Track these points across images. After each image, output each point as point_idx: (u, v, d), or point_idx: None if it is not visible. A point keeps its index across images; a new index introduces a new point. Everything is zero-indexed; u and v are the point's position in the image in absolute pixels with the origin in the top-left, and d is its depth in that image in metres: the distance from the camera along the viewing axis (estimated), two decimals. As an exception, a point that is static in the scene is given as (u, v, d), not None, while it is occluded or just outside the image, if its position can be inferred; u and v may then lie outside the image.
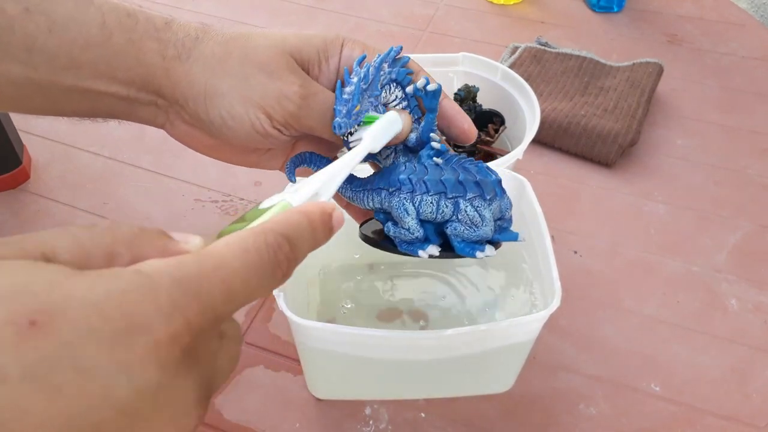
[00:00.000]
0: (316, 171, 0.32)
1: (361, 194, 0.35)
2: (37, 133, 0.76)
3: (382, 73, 0.33)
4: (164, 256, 0.19)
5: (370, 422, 0.50)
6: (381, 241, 0.35)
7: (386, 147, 0.35)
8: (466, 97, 0.68)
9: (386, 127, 0.33)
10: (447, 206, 0.33)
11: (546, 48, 0.89)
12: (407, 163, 0.34)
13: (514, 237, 0.36)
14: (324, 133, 0.33)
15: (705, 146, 0.78)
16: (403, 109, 0.35)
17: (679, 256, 0.64)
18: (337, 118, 0.32)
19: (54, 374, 0.15)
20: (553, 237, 0.46)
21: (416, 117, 0.35)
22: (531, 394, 0.52)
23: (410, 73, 0.35)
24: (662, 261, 0.64)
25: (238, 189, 0.70)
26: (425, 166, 0.34)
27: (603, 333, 0.57)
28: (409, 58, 0.35)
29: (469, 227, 0.33)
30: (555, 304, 0.41)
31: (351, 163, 0.31)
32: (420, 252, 0.34)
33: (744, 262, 0.63)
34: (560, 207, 0.69)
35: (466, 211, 0.33)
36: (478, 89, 0.69)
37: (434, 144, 0.34)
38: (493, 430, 0.50)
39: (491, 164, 0.55)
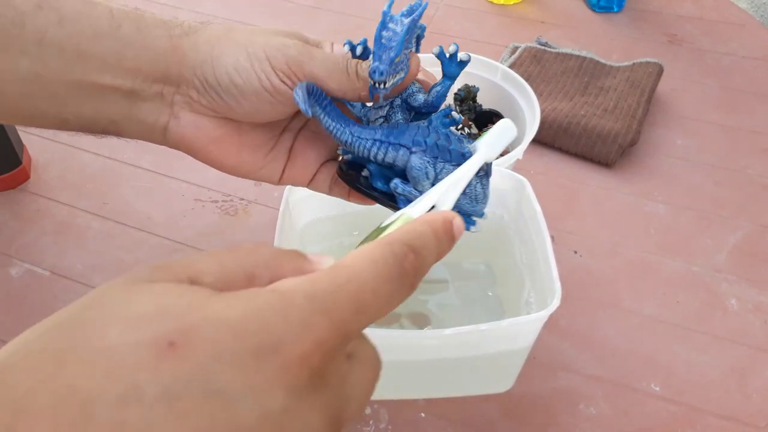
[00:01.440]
0: (322, 113, 0.32)
1: (367, 143, 0.34)
2: (37, 133, 0.76)
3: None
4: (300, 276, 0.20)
5: (370, 422, 0.50)
6: (372, 192, 0.35)
7: (385, 99, 0.34)
8: (466, 97, 0.68)
9: (502, 134, 0.33)
10: (402, 158, 0.33)
11: (546, 48, 0.89)
12: (429, 128, 0.34)
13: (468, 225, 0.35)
14: (329, 82, 0.33)
15: (705, 146, 0.78)
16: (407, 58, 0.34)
17: (679, 256, 0.64)
18: (377, 63, 0.31)
19: (184, 397, 0.15)
20: (553, 237, 0.46)
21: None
22: (531, 394, 0.52)
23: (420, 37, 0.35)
24: (662, 261, 0.64)
25: (238, 189, 0.70)
26: (447, 135, 0.33)
27: (603, 333, 0.57)
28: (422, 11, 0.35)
29: (471, 201, 0.33)
30: (555, 304, 0.41)
31: (468, 174, 0.32)
32: (395, 187, 0.34)
33: (744, 262, 0.63)
34: (560, 207, 0.69)
35: (475, 187, 0.33)
36: (478, 89, 0.69)
37: (454, 114, 0.34)
38: (493, 430, 0.50)
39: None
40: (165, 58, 0.32)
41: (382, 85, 0.32)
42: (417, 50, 0.35)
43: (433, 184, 0.33)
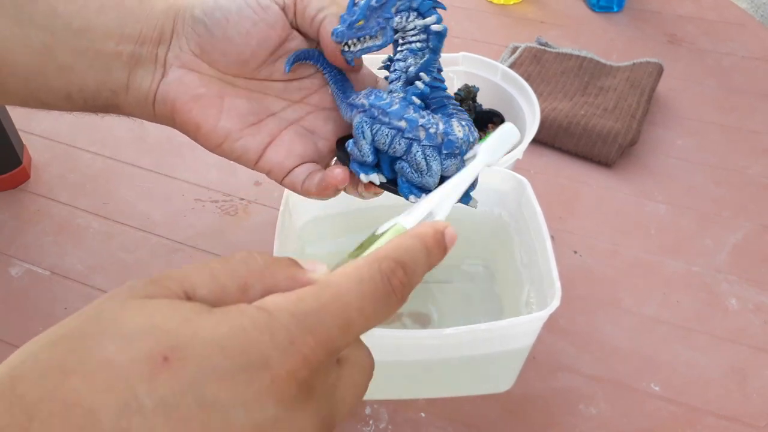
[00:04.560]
0: (322, 70, 0.33)
1: (343, 105, 0.36)
2: (37, 133, 0.76)
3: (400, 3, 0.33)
4: (293, 285, 0.21)
5: (370, 422, 0.50)
6: (344, 156, 0.36)
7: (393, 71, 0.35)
8: (466, 97, 0.68)
9: (503, 139, 0.33)
10: (400, 144, 0.33)
11: (546, 48, 0.89)
12: (384, 93, 0.34)
13: (465, 201, 0.35)
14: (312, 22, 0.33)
15: (705, 146, 0.78)
16: (419, 42, 0.34)
17: (679, 256, 0.64)
18: (339, 26, 0.32)
19: (181, 408, 0.17)
20: (553, 237, 0.46)
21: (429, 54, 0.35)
22: (531, 394, 0.52)
23: (438, 6, 0.34)
24: (662, 261, 0.64)
25: (239, 189, 0.70)
26: (402, 101, 0.33)
27: (603, 333, 0.57)
28: None
29: (415, 171, 0.33)
30: (555, 304, 0.41)
31: (466, 180, 0.31)
32: (362, 175, 0.34)
33: (744, 262, 0.63)
34: (560, 207, 0.69)
35: (415, 155, 0.33)
36: (478, 89, 0.69)
37: (418, 83, 0.34)
38: (493, 430, 0.50)
39: (491, 164, 0.56)
40: (163, 16, 0.34)
41: (346, 47, 0.33)
42: (425, 28, 0.34)
43: (373, 146, 0.33)
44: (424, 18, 0.34)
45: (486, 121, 0.69)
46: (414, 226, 0.26)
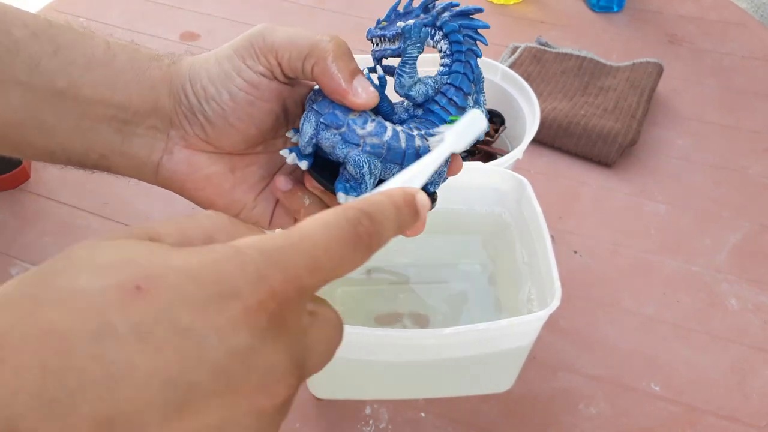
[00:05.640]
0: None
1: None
2: (37, 133, 0.76)
3: (426, 16, 0.34)
4: None
5: (370, 422, 0.50)
6: (320, 178, 0.34)
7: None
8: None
9: (470, 125, 0.32)
10: (341, 149, 0.32)
11: (546, 48, 0.89)
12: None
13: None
14: (295, 45, 0.31)
15: (705, 146, 0.78)
16: (444, 65, 0.34)
17: (679, 256, 0.64)
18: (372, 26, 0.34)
19: (156, 334, 0.17)
20: (553, 237, 0.46)
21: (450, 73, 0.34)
22: (531, 394, 0.52)
23: (463, 31, 0.34)
24: (662, 261, 0.64)
25: (238, 189, 0.70)
26: (363, 114, 0.33)
27: (603, 333, 0.57)
28: (482, 25, 0.34)
29: (350, 175, 0.32)
30: (555, 304, 0.41)
31: (432, 165, 0.30)
32: (289, 157, 0.33)
33: (744, 262, 0.63)
34: (560, 207, 0.69)
35: (349, 163, 0.32)
36: (478, 89, 0.69)
37: (373, 75, 0.34)
38: (493, 430, 0.50)
39: (491, 164, 0.56)
40: (155, 88, 0.32)
41: (372, 45, 0.34)
42: (451, 52, 0.34)
43: (313, 143, 0.32)
44: (450, 43, 0.34)
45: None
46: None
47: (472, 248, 0.58)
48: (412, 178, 0.29)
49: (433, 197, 0.35)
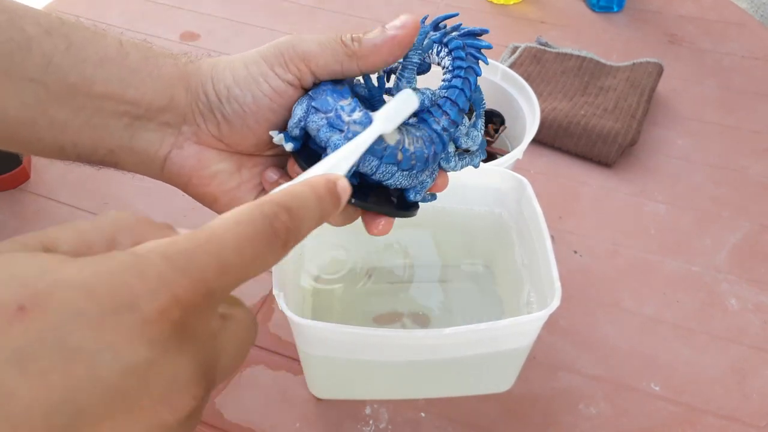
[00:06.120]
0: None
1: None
2: (37, 133, 0.76)
3: (435, 33, 0.34)
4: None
5: (370, 422, 0.50)
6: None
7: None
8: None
9: (400, 107, 0.32)
10: (325, 133, 0.31)
11: (546, 48, 0.89)
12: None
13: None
14: (325, 56, 0.32)
15: (705, 146, 0.78)
16: (444, 80, 0.34)
17: (679, 256, 0.64)
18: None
19: (39, 358, 0.15)
20: (553, 237, 0.46)
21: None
22: (531, 394, 0.52)
23: (467, 49, 0.34)
24: (662, 261, 0.64)
25: (238, 189, 0.70)
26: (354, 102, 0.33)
27: (603, 333, 0.57)
28: (485, 46, 0.34)
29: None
30: (555, 304, 0.41)
31: (361, 146, 0.30)
32: (276, 138, 0.33)
33: (744, 262, 0.63)
34: (560, 207, 0.69)
35: (330, 148, 0.31)
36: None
37: (372, 76, 0.34)
38: (493, 430, 0.50)
39: (491, 164, 0.56)
40: (171, 85, 0.32)
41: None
42: (453, 68, 0.34)
43: (300, 127, 0.32)
44: (454, 58, 0.34)
45: (486, 121, 0.69)
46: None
47: (472, 248, 0.58)
48: (337, 163, 0.29)
49: (414, 206, 0.35)
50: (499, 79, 0.68)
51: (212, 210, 0.36)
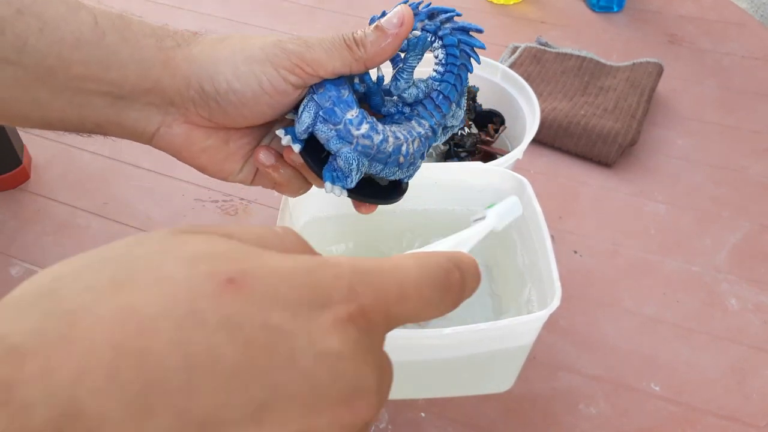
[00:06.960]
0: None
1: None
2: (37, 133, 0.76)
3: (430, 23, 0.35)
4: None
5: (370, 422, 0.50)
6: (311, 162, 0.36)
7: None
8: (466, 97, 0.68)
9: (510, 209, 0.42)
10: (335, 144, 0.33)
11: (546, 48, 0.89)
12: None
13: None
14: (333, 61, 0.32)
15: (705, 146, 0.78)
16: (437, 72, 0.36)
17: (679, 256, 0.64)
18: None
19: (245, 328, 0.16)
20: (553, 237, 0.46)
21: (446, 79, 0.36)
22: (531, 394, 0.52)
23: (461, 47, 0.35)
24: (662, 261, 0.64)
25: (239, 189, 0.70)
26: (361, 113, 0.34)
27: (603, 333, 0.57)
28: (479, 45, 0.36)
29: (340, 170, 0.34)
30: (555, 304, 0.41)
31: (474, 237, 0.38)
32: (284, 139, 0.34)
33: (744, 262, 0.63)
34: (560, 207, 0.69)
35: (341, 158, 0.33)
36: (478, 89, 0.69)
37: (371, 72, 0.35)
38: (493, 430, 0.50)
39: (491, 164, 0.56)
40: (155, 70, 0.32)
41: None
42: (446, 54, 0.36)
43: (307, 130, 0.33)
44: (445, 46, 0.36)
45: (486, 121, 0.69)
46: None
47: (472, 248, 0.58)
48: (459, 244, 0.36)
49: (404, 188, 0.38)
50: (499, 79, 0.68)
51: (201, 173, 0.37)
